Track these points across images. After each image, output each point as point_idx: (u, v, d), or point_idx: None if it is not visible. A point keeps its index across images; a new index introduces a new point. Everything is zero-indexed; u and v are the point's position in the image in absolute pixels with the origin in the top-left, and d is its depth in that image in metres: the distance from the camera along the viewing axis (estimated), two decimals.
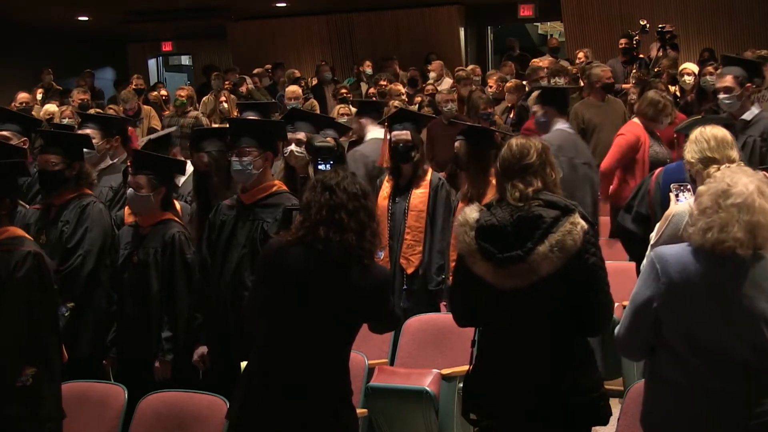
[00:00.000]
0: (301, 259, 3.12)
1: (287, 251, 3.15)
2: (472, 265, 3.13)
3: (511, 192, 3.13)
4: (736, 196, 2.83)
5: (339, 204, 3.10)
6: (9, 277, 3.61)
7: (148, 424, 4.00)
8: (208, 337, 4.22)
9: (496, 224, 3.09)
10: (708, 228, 2.82)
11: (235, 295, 4.03)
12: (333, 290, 3.12)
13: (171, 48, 18.08)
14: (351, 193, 3.13)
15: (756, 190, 2.84)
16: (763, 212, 2.83)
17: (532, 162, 3.16)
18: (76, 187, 4.82)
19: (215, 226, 4.17)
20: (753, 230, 2.81)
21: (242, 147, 4.11)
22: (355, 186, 3.16)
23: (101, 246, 4.70)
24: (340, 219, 3.09)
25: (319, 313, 3.12)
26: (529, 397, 3.15)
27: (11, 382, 3.57)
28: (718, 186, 2.86)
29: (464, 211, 3.20)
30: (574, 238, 3.03)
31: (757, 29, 12.82)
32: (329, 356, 3.18)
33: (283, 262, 3.15)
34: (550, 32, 17.01)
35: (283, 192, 4.19)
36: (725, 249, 2.81)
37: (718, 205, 2.83)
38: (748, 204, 2.82)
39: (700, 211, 2.86)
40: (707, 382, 2.86)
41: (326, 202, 3.11)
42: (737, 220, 2.80)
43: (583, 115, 7.88)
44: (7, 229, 3.73)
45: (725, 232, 2.80)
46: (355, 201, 3.13)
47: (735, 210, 2.81)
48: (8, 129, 5.80)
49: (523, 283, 3.06)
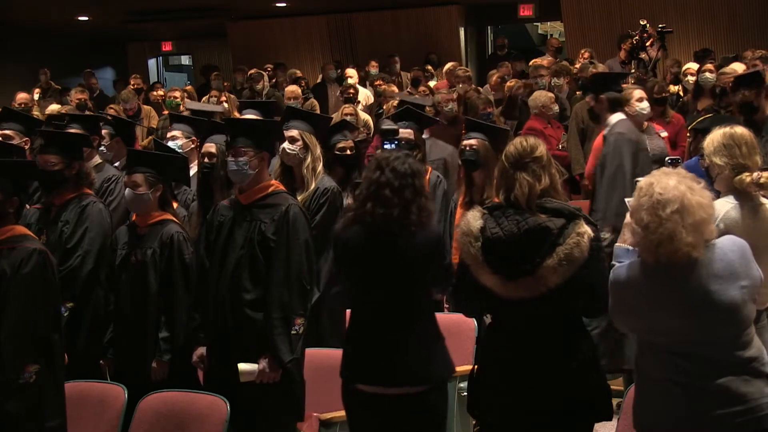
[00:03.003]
0: (356, 235, 3.46)
1: (347, 230, 3.50)
2: (477, 275, 3.14)
3: (521, 185, 3.14)
4: (672, 203, 2.82)
5: (385, 182, 3.40)
6: (14, 274, 3.62)
7: (148, 424, 4.00)
8: (206, 337, 4.22)
9: (503, 237, 3.09)
10: (658, 242, 2.83)
11: (234, 296, 4.02)
12: (385, 258, 3.40)
13: (171, 48, 18.06)
14: (399, 172, 3.41)
15: (687, 190, 2.85)
16: (701, 207, 2.85)
17: (542, 156, 3.20)
18: (75, 187, 4.83)
19: (213, 227, 4.17)
20: (698, 229, 2.82)
21: (238, 147, 4.10)
22: (404, 166, 3.43)
23: (101, 246, 4.70)
24: (385, 195, 3.38)
25: (383, 279, 3.40)
26: (534, 394, 3.16)
27: (14, 379, 3.57)
28: (651, 198, 2.86)
29: (466, 218, 3.20)
30: (581, 249, 3.05)
31: (757, 29, 12.81)
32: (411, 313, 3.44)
33: (345, 242, 3.51)
34: (550, 32, 17.01)
35: (280, 192, 4.18)
36: (681, 257, 2.82)
37: (659, 217, 2.83)
38: (685, 206, 2.82)
39: (643, 228, 2.86)
40: (692, 380, 2.88)
41: (375, 180, 3.42)
42: (683, 226, 2.81)
43: (583, 115, 7.87)
44: (13, 228, 3.75)
45: (676, 240, 2.81)
46: (402, 179, 3.40)
47: (677, 217, 2.82)
48: (11, 128, 5.80)
49: (530, 295, 3.08)
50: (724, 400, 2.86)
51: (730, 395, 2.86)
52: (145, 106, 10.10)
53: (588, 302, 3.16)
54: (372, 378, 3.47)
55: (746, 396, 2.86)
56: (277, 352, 3.92)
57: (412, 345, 3.43)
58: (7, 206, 3.72)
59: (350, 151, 5.52)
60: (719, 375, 2.86)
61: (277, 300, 3.96)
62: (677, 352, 2.89)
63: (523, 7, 14.40)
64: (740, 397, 2.86)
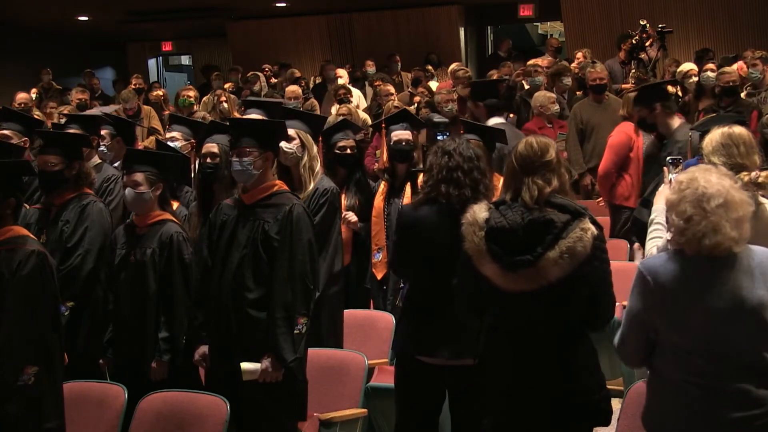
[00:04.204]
0: (429, 214, 3.74)
1: (418, 209, 3.80)
2: (479, 265, 3.14)
3: (529, 188, 3.14)
4: (717, 197, 2.83)
5: (456, 165, 3.74)
6: (12, 275, 3.61)
7: (148, 424, 4.00)
8: (208, 336, 4.22)
9: (506, 227, 3.10)
10: (703, 234, 2.82)
11: (236, 296, 4.02)
12: (457, 235, 3.42)
13: (171, 48, 18.09)
14: (466, 156, 3.77)
15: (730, 186, 2.86)
16: (743, 204, 2.86)
17: (552, 159, 3.20)
18: (75, 187, 4.82)
19: (216, 226, 4.17)
20: (740, 225, 2.83)
21: (242, 147, 4.09)
22: (469, 150, 3.80)
23: (101, 245, 4.69)
24: (457, 177, 3.72)
25: (452, 255, 3.46)
26: (532, 398, 3.15)
27: (12, 381, 3.56)
28: (696, 191, 2.86)
29: (473, 209, 3.22)
30: (584, 244, 3.04)
31: (757, 29, 12.82)
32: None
33: (416, 220, 3.78)
34: (550, 32, 17.02)
35: (284, 192, 4.18)
36: (723, 251, 2.82)
37: (704, 209, 2.83)
38: (729, 201, 2.83)
39: (686, 220, 2.85)
40: (710, 381, 2.86)
41: (445, 164, 3.75)
42: (726, 220, 2.81)
43: (581, 115, 7.88)
44: (11, 228, 3.74)
45: (720, 234, 2.81)
46: (469, 162, 3.76)
47: (722, 211, 2.82)
48: (10, 128, 5.79)
49: (530, 287, 3.07)
50: (743, 403, 2.84)
51: (749, 398, 2.84)
52: (145, 107, 10.09)
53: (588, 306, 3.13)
54: (435, 350, 3.74)
55: (765, 400, 2.85)
56: (279, 352, 3.92)
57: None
58: (4, 207, 3.71)
59: (351, 150, 5.52)
60: (738, 377, 2.84)
61: (280, 299, 3.96)
62: (697, 352, 2.87)
63: (523, 7, 14.42)
64: (759, 401, 2.84)
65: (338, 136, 5.51)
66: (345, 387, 4.47)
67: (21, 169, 3.98)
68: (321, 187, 4.88)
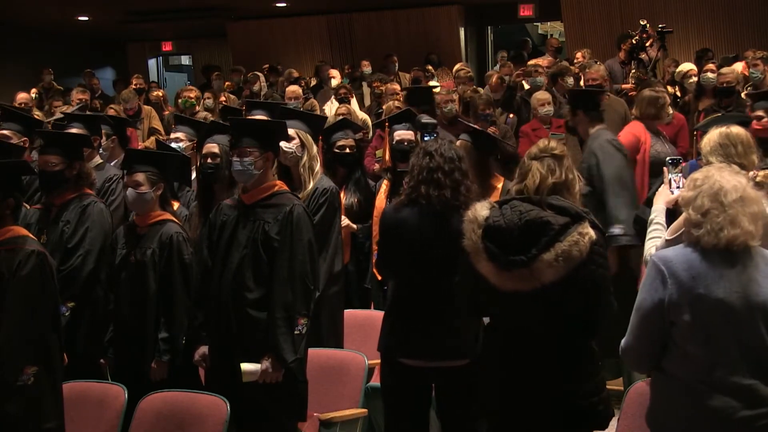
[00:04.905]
0: (411, 215, 3.74)
1: (400, 211, 3.79)
2: (476, 262, 3.15)
3: (533, 174, 3.20)
4: (734, 192, 2.87)
5: (436, 166, 3.73)
6: (12, 275, 3.61)
7: (148, 424, 4.00)
8: (209, 336, 4.22)
9: (503, 226, 3.10)
10: (720, 227, 2.85)
11: (236, 296, 4.02)
12: (438, 236, 3.63)
13: (171, 48, 18.08)
14: (447, 157, 3.75)
15: (746, 182, 2.91)
16: (758, 200, 2.91)
17: (561, 154, 3.27)
18: (76, 187, 4.82)
19: (216, 226, 4.16)
20: (756, 220, 2.87)
21: (243, 147, 4.10)
22: (451, 151, 3.79)
23: (101, 246, 4.70)
24: (437, 178, 3.71)
25: (434, 256, 3.62)
26: (530, 399, 3.15)
27: (12, 381, 3.56)
28: (712, 186, 2.90)
29: (475, 207, 3.24)
30: (580, 248, 3.04)
31: (757, 29, 12.82)
32: (449, 289, 3.52)
33: (397, 221, 3.78)
34: (550, 32, 17.01)
35: (284, 192, 4.18)
36: (740, 244, 2.85)
37: (721, 203, 2.87)
38: (745, 197, 2.88)
39: (704, 213, 2.88)
40: (717, 380, 2.86)
41: (426, 165, 3.74)
42: (743, 214, 2.85)
43: None
44: (11, 229, 3.74)
45: (738, 227, 2.83)
46: (450, 163, 3.74)
47: (739, 205, 2.86)
48: (9, 128, 5.79)
49: (525, 288, 3.07)
50: (750, 402, 2.85)
51: (756, 397, 2.85)
52: (145, 107, 10.09)
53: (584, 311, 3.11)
54: (417, 352, 3.73)
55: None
56: (280, 352, 3.92)
57: (456, 321, 3.64)
58: (4, 207, 3.71)
59: (350, 150, 5.51)
60: (746, 375, 2.85)
61: (281, 299, 3.96)
62: (706, 348, 2.87)
63: (523, 7, 14.42)
64: (765, 400, 2.85)
65: (338, 135, 5.51)
66: (345, 387, 4.47)
67: (20, 169, 3.98)
68: (320, 187, 4.88)
